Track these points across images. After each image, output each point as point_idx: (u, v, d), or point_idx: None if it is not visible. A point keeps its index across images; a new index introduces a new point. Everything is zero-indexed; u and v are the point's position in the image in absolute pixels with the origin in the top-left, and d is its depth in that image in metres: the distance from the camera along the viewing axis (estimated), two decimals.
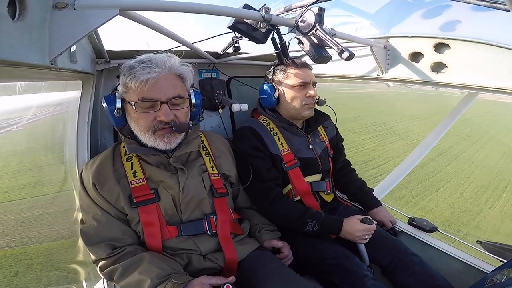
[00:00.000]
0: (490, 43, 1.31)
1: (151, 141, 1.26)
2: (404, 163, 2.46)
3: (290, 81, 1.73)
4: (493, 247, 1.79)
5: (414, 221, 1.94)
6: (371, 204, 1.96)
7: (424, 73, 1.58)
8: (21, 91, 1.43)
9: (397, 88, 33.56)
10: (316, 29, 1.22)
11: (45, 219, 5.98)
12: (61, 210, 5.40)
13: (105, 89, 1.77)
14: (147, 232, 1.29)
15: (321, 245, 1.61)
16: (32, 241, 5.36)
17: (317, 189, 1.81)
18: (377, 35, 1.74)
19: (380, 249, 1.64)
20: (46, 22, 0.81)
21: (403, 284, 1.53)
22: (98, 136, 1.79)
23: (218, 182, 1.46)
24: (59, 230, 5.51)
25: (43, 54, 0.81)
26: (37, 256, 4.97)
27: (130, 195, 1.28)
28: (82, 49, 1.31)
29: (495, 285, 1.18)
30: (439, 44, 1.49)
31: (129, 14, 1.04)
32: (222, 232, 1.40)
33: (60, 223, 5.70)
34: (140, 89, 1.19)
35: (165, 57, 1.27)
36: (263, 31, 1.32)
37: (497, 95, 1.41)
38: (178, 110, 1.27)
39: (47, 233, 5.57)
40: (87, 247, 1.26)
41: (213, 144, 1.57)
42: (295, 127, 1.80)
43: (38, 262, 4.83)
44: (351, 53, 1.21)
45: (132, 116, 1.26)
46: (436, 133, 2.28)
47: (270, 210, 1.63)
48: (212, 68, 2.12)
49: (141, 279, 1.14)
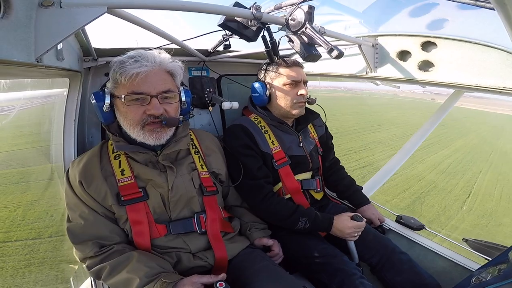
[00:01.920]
0: (476, 41, 1.33)
1: (140, 136, 1.25)
2: (393, 160, 2.49)
3: (282, 79, 1.73)
4: (479, 245, 1.83)
5: (402, 219, 1.96)
6: (360, 202, 1.98)
7: (411, 71, 1.60)
8: (6, 89, 1.40)
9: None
10: (306, 27, 1.22)
11: (31, 216, 5.90)
12: (47, 207, 5.32)
13: (93, 87, 1.75)
14: (135, 230, 1.27)
15: (311, 244, 1.62)
16: (16, 239, 5.28)
17: (307, 187, 1.82)
18: (365, 34, 1.75)
19: (369, 248, 1.66)
20: (32, 20, 0.80)
21: (391, 283, 1.56)
22: (85, 134, 1.76)
23: (208, 180, 1.46)
24: (44, 228, 5.45)
25: (28, 52, 0.80)
26: (23, 254, 4.90)
27: (118, 193, 1.27)
28: (69, 47, 1.29)
29: (481, 283, 1.20)
30: (426, 42, 1.51)
31: (118, 12, 1.03)
32: (212, 230, 1.40)
33: (46, 221, 5.64)
34: (130, 83, 1.19)
35: (155, 52, 1.27)
36: (253, 29, 1.32)
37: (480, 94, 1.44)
38: (168, 105, 1.27)
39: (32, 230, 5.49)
40: (73, 245, 1.24)
41: (202, 142, 1.56)
42: (286, 125, 1.81)
43: (24, 260, 4.76)
44: (340, 51, 1.22)
45: (121, 111, 1.25)
46: (424, 131, 2.32)
47: (261, 208, 1.63)
48: (202, 66, 2.11)
49: (130, 278, 1.13)
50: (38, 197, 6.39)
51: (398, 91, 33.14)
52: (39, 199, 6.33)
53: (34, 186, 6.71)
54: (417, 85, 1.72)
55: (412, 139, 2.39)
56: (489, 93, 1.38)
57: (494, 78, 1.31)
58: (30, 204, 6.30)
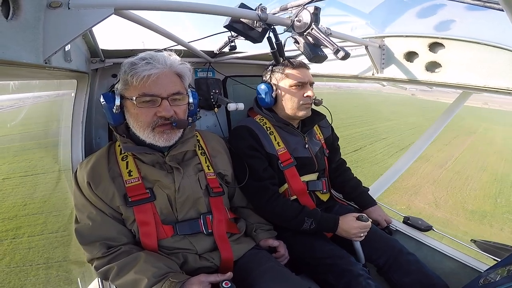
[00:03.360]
0: (484, 42, 1.32)
1: (150, 138, 1.26)
2: (400, 161, 2.47)
3: (288, 81, 1.73)
4: (488, 246, 1.81)
5: (409, 220, 1.95)
6: (366, 203, 1.97)
7: (418, 72, 1.58)
8: (15, 90, 1.42)
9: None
10: (312, 28, 1.22)
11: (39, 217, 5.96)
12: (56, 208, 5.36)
13: (100, 88, 1.76)
14: (143, 231, 1.28)
15: (317, 245, 1.62)
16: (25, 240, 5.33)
17: (313, 188, 1.82)
18: (372, 35, 1.74)
19: (376, 248, 1.65)
20: (40, 22, 0.80)
21: (399, 284, 1.54)
22: (93, 135, 1.78)
23: (214, 181, 1.46)
24: (52, 229, 5.50)
25: (37, 53, 0.81)
26: (31, 254, 4.95)
27: (125, 194, 1.28)
28: (76, 48, 1.30)
29: (489, 284, 1.19)
30: (434, 43, 1.50)
31: (124, 13, 1.04)
32: (218, 231, 1.40)
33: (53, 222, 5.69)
34: (141, 85, 1.20)
35: (165, 54, 1.28)
36: (259, 31, 1.32)
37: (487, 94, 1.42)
38: (177, 107, 1.28)
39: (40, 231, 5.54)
40: (82, 246, 1.25)
41: (209, 143, 1.57)
42: (291, 127, 1.80)
43: (31, 260, 4.81)
44: (347, 52, 1.21)
45: (131, 113, 1.26)
46: (431, 131, 2.30)
47: (266, 209, 1.63)
48: (208, 67, 2.12)
49: (138, 278, 1.13)
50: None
51: (382, 88, 33.37)
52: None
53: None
54: (424, 86, 1.70)
55: (419, 141, 2.37)
56: (497, 94, 1.37)
57: (502, 79, 1.29)
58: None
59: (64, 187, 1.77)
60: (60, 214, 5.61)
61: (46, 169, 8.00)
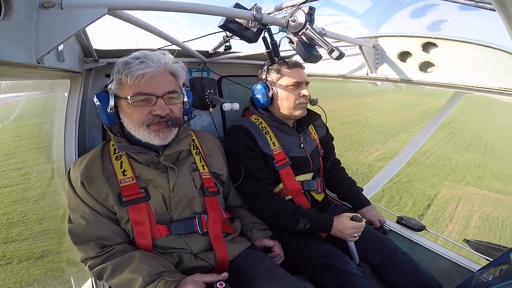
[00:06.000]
0: (477, 42, 1.33)
1: (145, 136, 1.26)
2: (393, 162, 2.49)
3: (284, 81, 1.73)
4: (480, 246, 1.83)
5: (403, 220, 1.96)
6: (360, 203, 1.98)
7: (412, 72, 1.59)
8: (7, 90, 1.41)
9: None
10: (307, 28, 1.22)
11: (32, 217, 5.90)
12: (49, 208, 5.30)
13: (94, 88, 1.75)
14: (137, 231, 1.27)
15: (312, 244, 1.62)
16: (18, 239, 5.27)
17: (308, 188, 1.82)
18: (366, 35, 1.75)
19: (370, 248, 1.66)
20: (33, 22, 0.80)
21: (393, 283, 1.55)
22: (86, 135, 1.76)
23: (209, 181, 1.46)
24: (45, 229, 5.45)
25: (29, 53, 0.80)
26: (24, 255, 4.89)
27: (120, 194, 1.27)
28: (70, 48, 1.29)
29: (482, 283, 1.20)
30: (427, 43, 1.51)
31: (118, 13, 1.03)
32: (213, 231, 1.40)
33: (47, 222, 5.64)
34: (135, 84, 1.19)
35: (159, 54, 1.28)
36: (254, 31, 1.32)
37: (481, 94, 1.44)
38: (173, 105, 1.28)
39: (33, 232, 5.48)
40: (75, 246, 1.24)
41: (204, 143, 1.56)
42: (287, 126, 1.81)
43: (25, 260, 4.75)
44: (341, 52, 1.22)
45: (125, 112, 1.25)
46: (424, 132, 2.32)
47: (261, 209, 1.63)
48: (203, 67, 2.11)
49: (132, 278, 1.13)
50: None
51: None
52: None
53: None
54: (418, 86, 1.71)
55: (412, 141, 2.39)
56: (490, 93, 1.38)
57: (494, 79, 1.31)
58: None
59: (58, 188, 1.75)
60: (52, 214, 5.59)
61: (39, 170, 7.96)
